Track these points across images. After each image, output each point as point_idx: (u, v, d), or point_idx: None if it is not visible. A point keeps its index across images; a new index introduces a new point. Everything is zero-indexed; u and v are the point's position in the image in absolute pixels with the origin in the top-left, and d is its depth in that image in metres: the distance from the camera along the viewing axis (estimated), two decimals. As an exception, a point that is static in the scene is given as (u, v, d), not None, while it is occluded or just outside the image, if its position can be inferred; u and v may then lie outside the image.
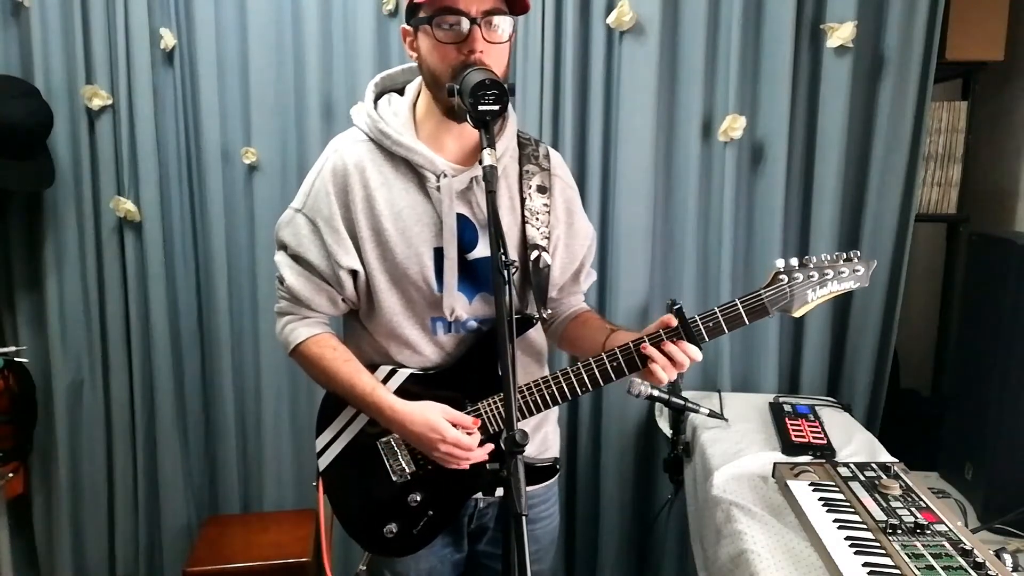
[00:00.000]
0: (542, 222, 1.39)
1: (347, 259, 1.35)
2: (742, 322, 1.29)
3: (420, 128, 1.36)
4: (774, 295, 1.29)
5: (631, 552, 2.50)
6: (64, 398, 2.42)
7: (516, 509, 0.91)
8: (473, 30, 1.22)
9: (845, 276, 1.31)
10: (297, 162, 2.39)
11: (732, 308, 1.29)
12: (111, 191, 2.35)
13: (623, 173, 2.28)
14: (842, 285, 1.32)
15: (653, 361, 1.27)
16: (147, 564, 2.55)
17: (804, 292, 1.30)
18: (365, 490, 1.42)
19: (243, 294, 2.47)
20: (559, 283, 1.48)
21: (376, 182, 1.34)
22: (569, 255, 1.47)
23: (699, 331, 1.28)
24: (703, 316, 1.29)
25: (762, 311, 1.29)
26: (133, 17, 2.26)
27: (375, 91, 1.42)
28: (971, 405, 1.75)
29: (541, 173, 1.41)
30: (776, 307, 1.30)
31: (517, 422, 1.28)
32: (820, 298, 1.31)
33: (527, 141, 1.44)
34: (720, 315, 1.28)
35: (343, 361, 1.39)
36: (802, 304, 1.31)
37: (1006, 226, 2.26)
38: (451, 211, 1.32)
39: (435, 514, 1.40)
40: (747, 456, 1.80)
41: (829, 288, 1.31)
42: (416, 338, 1.39)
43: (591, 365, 1.32)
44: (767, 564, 1.37)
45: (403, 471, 1.39)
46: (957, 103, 2.26)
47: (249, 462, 2.55)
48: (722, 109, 2.25)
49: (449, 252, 1.32)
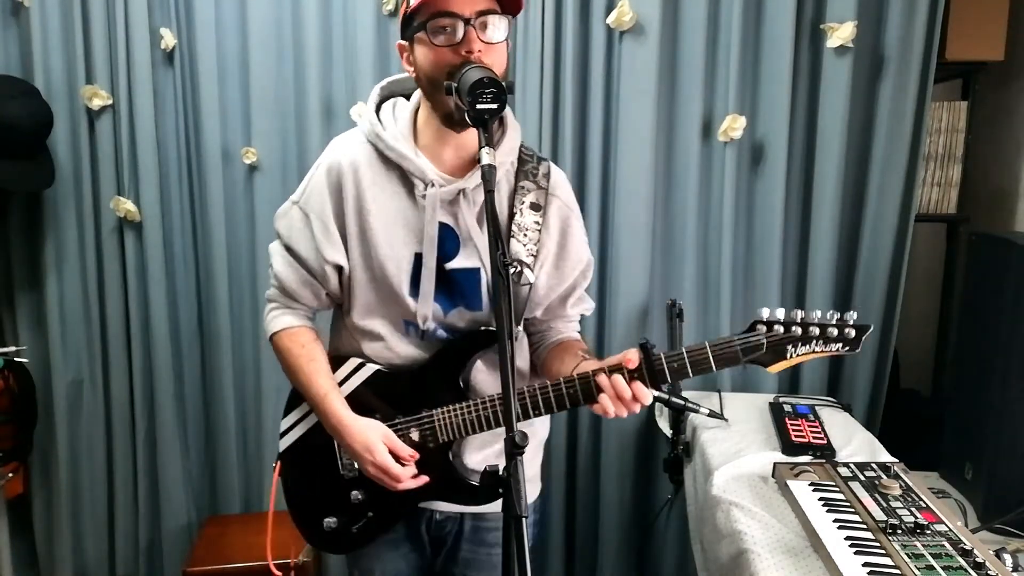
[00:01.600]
0: (530, 239, 1.36)
1: (333, 254, 1.37)
2: (709, 368, 1.22)
3: (420, 136, 1.36)
4: (748, 344, 1.22)
5: (631, 552, 2.50)
6: (64, 398, 2.42)
7: (516, 511, 0.91)
8: (468, 31, 1.21)
9: (833, 338, 1.20)
10: (297, 162, 2.39)
11: (700, 352, 1.22)
12: (111, 191, 2.35)
13: (623, 173, 2.28)
14: (828, 347, 1.21)
15: (602, 392, 1.22)
16: (147, 564, 2.55)
17: (783, 347, 1.21)
18: (314, 479, 1.44)
19: (243, 294, 2.47)
20: (543, 303, 1.44)
21: (368, 182, 1.35)
22: (558, 276, 1.43)
23: (662, 370, 1.22)
24: (669, 356, 1.23)
25: (732, 359, 1.22)
26: (133, 17, 2.26)
27: (380, 95, 1.43)
28: (971, 405, 1.75)
29: (537, 191, 1.39)
30: (748, 357, 1.22)
31: (472, 433, 1.32)
32: (800, 357, 1.21)
33: (528, 157, 1.42)
34: (687, 356, 1.22)
35: (307, 360, 1.41)
36: (779, 359, 1.22)
37: (1006, 226, 2.27)
38: (433, 220, 1.32)
39: (375, 516, 1.41)
40: (747, 456, 1.80)
41: (811, 348, 1.21)
42: (388, 335, 1.40)
43: (547, 389, 1.28)
44: (767, 564, 1.37)
45: (352, 467, 1.40)
46: (957, 103, 2.26)
47: (249, 462, 2.55)
48: (722, 109, 2.25)
49: (428, 260, 1.33)
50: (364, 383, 1.40)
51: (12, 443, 2.29)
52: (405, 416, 1.37)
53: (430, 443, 1.36)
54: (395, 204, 1.35)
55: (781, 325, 1.21)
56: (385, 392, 1.39)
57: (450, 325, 1.39)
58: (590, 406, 1.26)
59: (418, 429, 1.36)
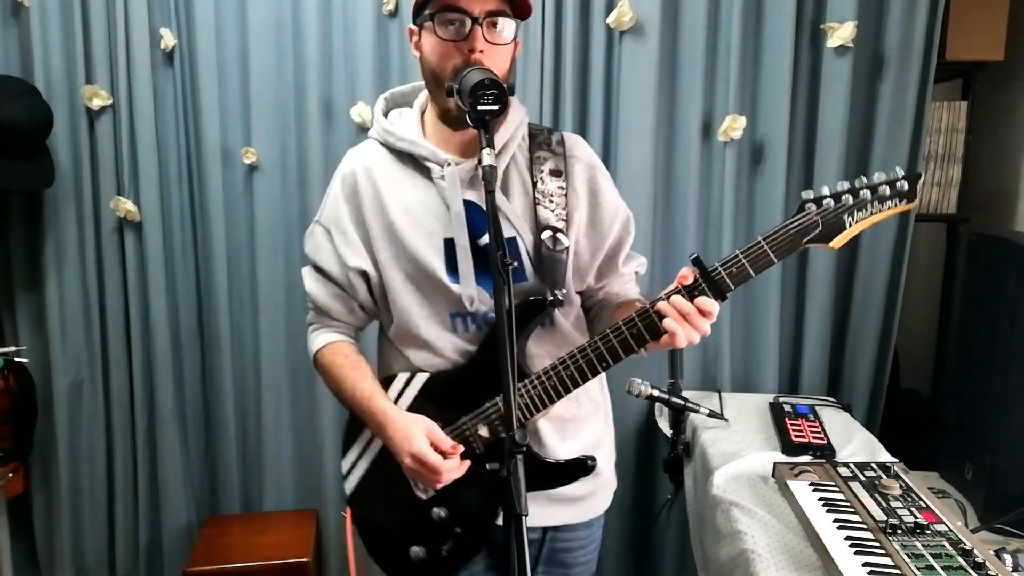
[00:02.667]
0: (557, 204, 1.34)
1: (355, 259, 1.36)
2: (769, 261, 1.14)
3: (428, 133, 1.38)
4: (803, 225, 1.14)
5: (631, 552, 2.50)
6: (64, 398, 2.42)
7: (516, 509, 0.91)
8: (475, 29, 1.22)
9: (887, 195, 1.14)
10: (297, 162, 2.39)
11: (756, 248, 1.15)
12: (111, 191, 2.35)
13: (623, 173, 2.28)
14: (885, 206, 1.14)
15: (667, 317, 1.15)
16: (147, 564, 2.54)
17: (840, 218, 1.14)
18: (391, 511, 1.37)
19: (243, 294, 2.47)
20: (591, 267, 1.41)
21: (384, 180, 1.36)
22: (598, 236, 1.40)
23: (722, 279, 1.16)
24: (725, 262, 1.16)
25: (791, 245, 1.14)
26: (133, 17, 2.25)
27: (385, 105, 1.45)
28: (971, 405, 1.75)
29: (555, 158, 1.38)
30: (808, 238, 1.14)
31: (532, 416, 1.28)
32: (861, 222, 1.14)
33: (539, 131, 1.41)
34: (744, 257, 1.15)
35: (351, 367, 1.39)
36: (839, 231, 1.14)
37: (1006, 226, 2.27)
38: (456, 197, 1.31)
39: (463, 532, 1.33)
40: (747, 456, 1.80)
41: (869, 211, 1.14)
42: (434, 336, 1.36)
43: (608, 336, 1.22)
44: (767, 564, 1.37)
45: None
46: (957, 103, 2.26)
47: (249, 462, 2.55)
48: (722, 109, 2.25)
49: (460, 239, 1.31)
50: (419, 394, 1.36)
51: (12, 443, 2.29)
52: (468, 414, 1.32)
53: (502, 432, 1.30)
54: (415, 195, 1.34)
55: (831, 198, 1.14)
56: (442, 396, 1.34)
57: (491, 304, 1.34)
58: (657, 341, 1.19)
59: (485, 423, 1.31)
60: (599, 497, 1.50)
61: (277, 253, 2.43)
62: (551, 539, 1.45)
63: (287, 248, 2.43)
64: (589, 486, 1.44)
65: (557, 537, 1.45)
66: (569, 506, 1.43)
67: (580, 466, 1.34)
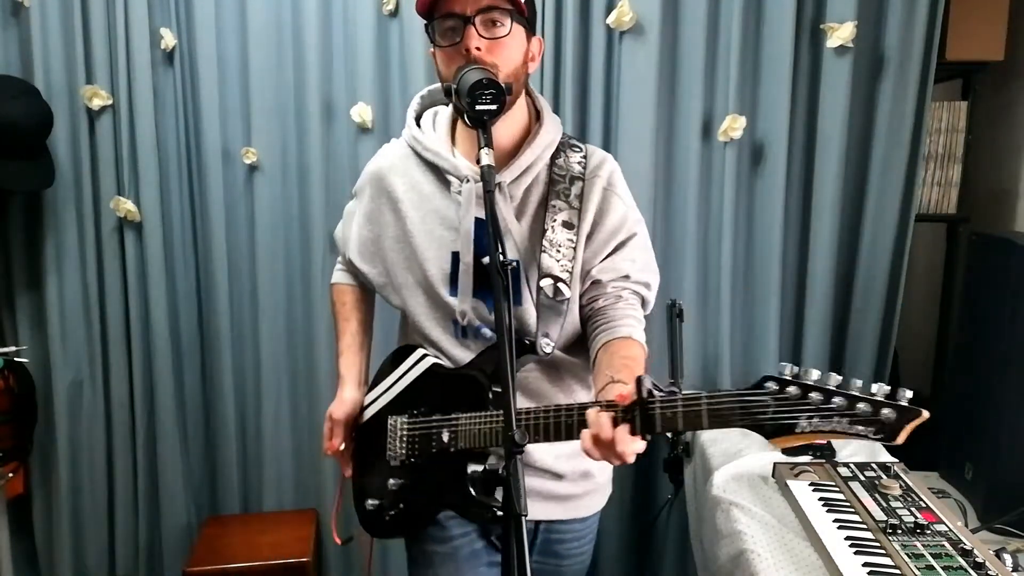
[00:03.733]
0: (564, 255, 1.33)
1: (356, 257, 1.46)
2: (699, 424, 1.00)
3: (458, 139, 1.40)
4: (750, 406, 0.96)
5: (631, 552, 2.50)
6: (64, 398, 2.42)
7: (516, 509, 0.91)
8: (468, 29, 1.22)
9: (860, 419, 0.91)
10: (297, 162, 2.39)
11: (694, 403, 1.00)
12: (111, 191, 2.35)
13: (623, 173, 2.27)
14: (853, 428, 0.91)
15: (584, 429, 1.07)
16: (147, 564, 2.54)
17: (793, 417, 0.93)
18: (371, 460, 1.44)
19: (243, 294, 2.47)
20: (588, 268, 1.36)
21: (405, 186, 1.39)
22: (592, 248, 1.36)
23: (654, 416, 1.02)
24: (664, 402, 1.02)
25: (726, 420, 0.99)
26: (133, 17, 2.25)
27: (420, 103, 1.47)
28: (971, 405, 1.75)
29: (570, 211, 1.34)
30: (746, 423, 0.97)
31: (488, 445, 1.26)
32: (816, 432, 0.93)
33: (560, 177, 1.36)
34: (681, 406, 1.01)
35: (342, 318, 1.55)
36: (785, 432, 0.94)
37: (1006, 226, 2.26)
38: (468, 214, 1.32)
39: (404, 508, 1.38)
40: (747, 456, 1.80)
41: (833, 424, 0.92)
42: (441, 337, 1.40)
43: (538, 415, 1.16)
44: (767, 564, 1.37)
45: (396, 455, 1.39)
46: (957, 103, 2.26)
47: (249, 462, 2.55)
48: (722, 109, 2.25)
49: (464, 256, 1.33)
50: (420, 376, 1.40)
51: (12, 443, 2.29)
52: (441, 415, 1.34)
53: (451, 448, 1.30)
54: (432, 204, 1.37)
55: (797, 387, 0.94)
56: (431, 389, 1.39)
57: (488, 322, 1.36)
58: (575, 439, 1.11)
59: (448, 430, 1.31)
60: (592, 498, 1.51)
61: (277, 253, 2.43)
62: (545, 530, 1.47)
63: (287, 248, 2.43)
64: (582, 487, 1.47)
65: (551, 528, 1.47)
66: (561, 503, 1.45)
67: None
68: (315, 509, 2.52)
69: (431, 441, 1.34)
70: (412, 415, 1.38)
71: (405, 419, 1.38)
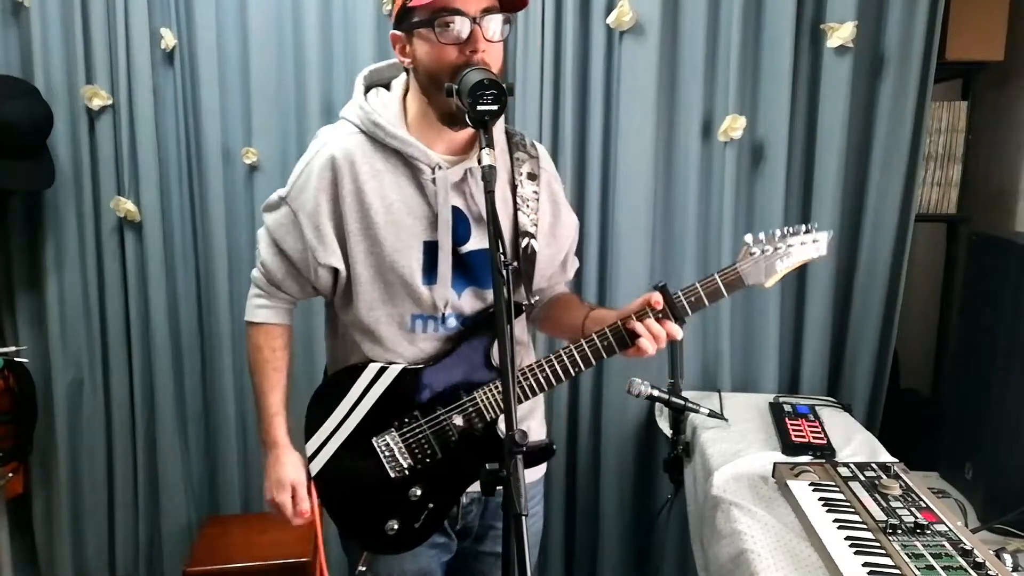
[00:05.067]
0: (532, 209, 1.41)
1: (327, 257, 1.36)
2: (721, 295, 1.36)
3: (410, 125, 1.35)
4: (748, 268, 1.36)
5: (631, 552, 2.50)
6: (64, 398, 2.42)
7: (516, 509, 0.91)
8: (474, 30, 1.22)
9: (807, 245, 1.41)
10: (296, 162, 2.39)
11: (711, 282, 1.35)
12: (111, 191, 2.35)
13: (623, 173, 2.28)
14: (805, 254, 1.41)
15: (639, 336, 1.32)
16: (147, 564, 2.55)
17: (773, 263, 1.38)
18: (363, 490, 1.41)
19: (243, 294, 2.43)
20: (547, 273, 1.50)
21: (366, 175, 1.33)
22: (556, 245, 1.49)
23: (682, 306, 1.35)
24: (685, 291, 1.35)
25: (738, 282, 1.36)
26: (133, 17, 2.26)
27: (364, 84, 1.42)
28: (971, 405, 1.75)
29: (530, 160, 1.43)
30: (751, 279, 1.37)
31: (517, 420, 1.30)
32: (787, 268, 1.40)
33: (512, 132, 1.46)
34: (701, 289, 1.35)
35: (272, 368, 1.48)
36: (771, 275, 1.39)
37: (1006, 226, 2.26)
38: (446, 203, 1.32)
39: (435, 506, 1.40)
40: (747, 456, 1.80)
41: (795, 258, 1.40)
42: (390, 334, 1.38)
43: (582, 346, 1.34)
44: (767, 564, 1.37)
45: (401, 467, 1.38)
46: (957, 103, 2.26)
47: (249, 462, 2.55)
48: (722, 109, 2.25)
49: (444, 244, 1.33)
50: (392, 385, 1.38)
51: (12, 443, 2.29)
52: (445, 407, 1.36)
53: (477, 423, 1.36)
54: (398, 194, 1.33)
55: (768, 245, 1.37)
56: (418, 389, 1.37)
57: (458, 309, 1.39)
58: (623, 352, 1.35)
59: (461, 414, 1.36)
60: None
61: (277, 253, 2.43)
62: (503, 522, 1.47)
63: (287, 248, 2.43)
64: None
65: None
66: None
67: (546, 450, 1.41)
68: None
69: (447, 434, 1.36)
70: (402, 424, 1.37)
71: (394, 433, 1.37)
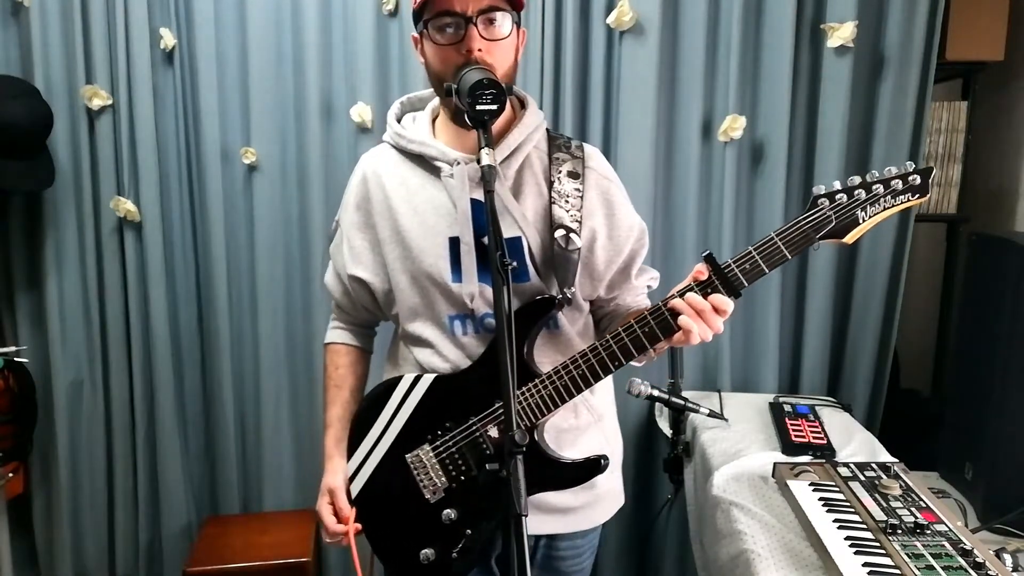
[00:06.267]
0: (573, 205, 1.34)
1: (354, 268, 1.42)
2: (783, 257, 1.15)
3: (439, 135, 1.40)
4: (816, 221, 1.14)
5: (631, 552, 2.50)
6: (64, 398, 2.42)
7: (516, 509, 0.91)
8: (469, 30, 1.22)
9: (900, 188, 1.14)
10: (297, 162, 2.39)
11: (769, 244, 1.15)
12: (111, 191, 2.35)
13: (623, 173, 2.24)
14: (897, 200, 1.14)
15: (680, 315, 1.17)
16: (147, 564, 2.55)
17: (853, 213, 1.14)
18: (398, 513, 1.35)
19: (243, 294, 2.47)
20: (605, 277, 1.41)
21: (394, 183, 1.38)
22: (613, 246, 1.39)
23: (735, 276, 1.16)
24: (738, 259, 1.16)
25: (805, 241, 1.15)
26: (133, 17, 2.26)
27: (400, 109, 1.47)
28: (971, 405, 1.75)
29: (573, 160, 1.38)
30: (822, 234, 1.14)
31: (541, 418, 1.27)
32: (874, 217, 1.14)
33: (558, 136, 1.43)
34: (757, 254, 1.15)
35: (333, 385, 1.51)
36: (853, 227, 1.14)
37: (1006, 226, 2.27)
38: (464, 195, 1.31)
39: (473, 533, 1.31)
40: (747, 456, 1.80)
41: (883, 204, 1.14)
42: (436, 339, 1.37)
43: (620, 335, 1.22)
44: (767, 564, 1.37)
45: (436, 487, 1.32)
46: (957, 103, 2.26)
47: (249, 462, 2.55)
48: (722, 109, 2.25)
49: (465, 237, 1.31)
50: (425, 395, 1.35)
51: (12, 443, 2.29)
52: (477, 415, 1.30)
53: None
54: (423, 195, 1.35)
55: (843, 193, 1.15)
56: (451, 397, 1.33)
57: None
58: (670, 339, 1.20)
59: (495, 424, 1.29)
60: (595, 510, 1.45)
61: (277, 253, 2.43)
62: (545, 546, 1.44)
63: (287, 248, 2.43)
64: (583, 498, 1.41)
65: (552, 545, 1.44)
66: (562, 516, 1.41)
67: (593, 465, 1.30)
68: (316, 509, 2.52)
69: (479, 447, 1.30)
70: (434, 437, 1.32)
71: (427, 448, 1.33)
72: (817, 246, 1.16)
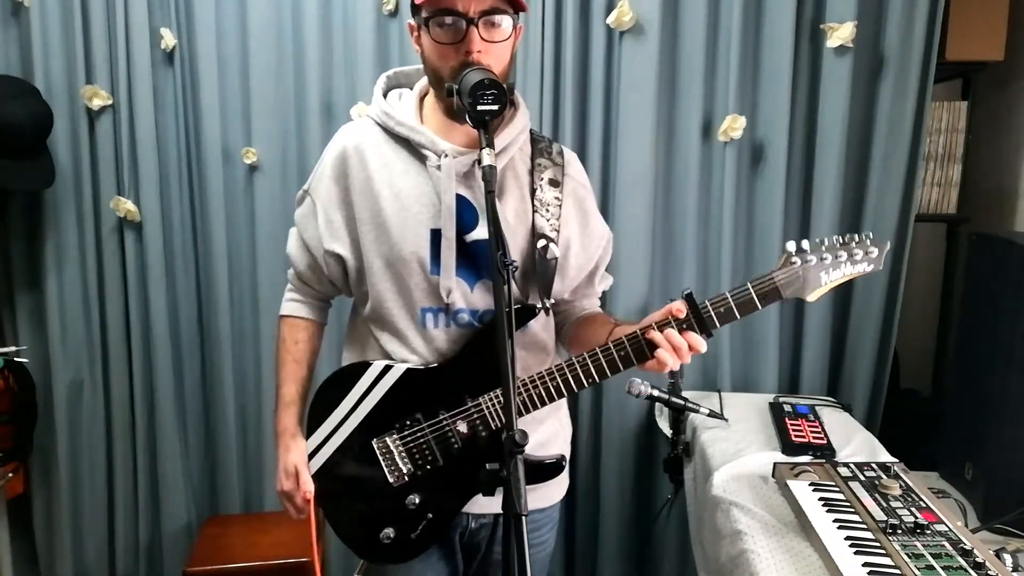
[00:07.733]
0: (552, 214, 1.37)
1: (332, 243, 1.39)
2: (754, 307, 1.24)
3: (426, 119, 1.38)
4: (787, 278, 1.24)
5: (631, 552, 2.50)
6: (64, 398, 2.42)
7: (516, 509, 0.91)
8: (470, 31, 1.22)
9: (859, 259, 1.25)
10: (297, 162, 2.39)
11: (744, 293, 1.24)
12: (111, 191, 2.35)
13: (623, 173, 2.28)
14: (855, 268, 1.26)
15: (658, 347, 1.23)
16: (147, 564, 2.55)
17: (817, 275, 1.25)
18: (360, 494, 1.39)
19: (243, 294, 2.47)
20: (574, 283, 1.46)
21: (376, 163, 1.35)
22: (585, 255, 1.45)
23: (710, 317, 1.25)
24: (714, 301, 1.25)
25: (775, 294, 1.24)
26: (133, 17, 2.26)
27: (386, 84, 1.45)
28: (971, 405, 1.75)
29: (554, 168, 1.41)
30: (789, 291, 1.24)
31: (517, 420, 1.29)
32: (833, 281, 1.26)
33: (540, 138, 1.45)
34: (731, 300, 1.24)
35: (292, 360, 1.48)
36: (815, 288, 1.25)
37: (1006, 226, 2.26)
38: (450, 190, 1.31)
39: (434, 517, 1.36)
40: (747, 456, 1.80)
41: (842, 271, 1.26)
42: (405, 328, 1.37)
43: (597, 355, 1.28)
44: (767, 564, 1.37)
45: (400, 473, 1.36)
46: (957, 103, 2.26)
47: (249, 462, 2.55)
48: (722, 109, 2.25)
49: (447, 231, 1.31)
50: (396, 386, 1.36)
51: (12, 443, 2.29)
52: (448, 411, 1.33)
53: (482, 432, 1.32)
54: (407, 182, 1.34)
55: (812, 255, 1.24)
56: (423, 391, 1.35)
57: (472, 305, 1.36)
58: (642, 365, 1.27)
59: (465, 421, 1.33)
60: (551, 488, 1.50)
61: (277, 253, 2.42)
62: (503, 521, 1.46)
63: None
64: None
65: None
66: None
67: (553, 467, 1.38)
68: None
69: (448, 440, 1.33)
70: (403, 427, 1.35)
71: (395, 436, 1.35)
72: (785, 300, 1.26)
